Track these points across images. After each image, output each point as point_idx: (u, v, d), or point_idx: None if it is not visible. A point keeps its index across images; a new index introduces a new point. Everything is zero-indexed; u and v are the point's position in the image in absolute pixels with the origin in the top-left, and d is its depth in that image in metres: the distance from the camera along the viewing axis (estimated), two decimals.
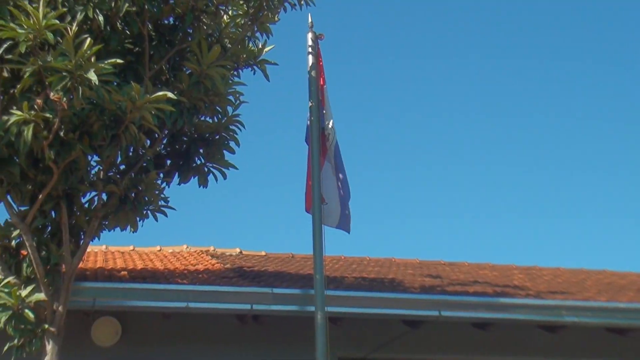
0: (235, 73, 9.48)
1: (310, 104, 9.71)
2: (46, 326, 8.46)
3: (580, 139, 42.01)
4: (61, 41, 7.36)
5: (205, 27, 8.93)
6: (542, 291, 11.98)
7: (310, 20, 9.85)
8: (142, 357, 10.28)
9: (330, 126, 9.68)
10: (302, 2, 9.57)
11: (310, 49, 9.89)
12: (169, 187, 9.43)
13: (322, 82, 9.80)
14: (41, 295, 8.33)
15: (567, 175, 45.18)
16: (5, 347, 8.43)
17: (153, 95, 7.72)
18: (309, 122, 9.60)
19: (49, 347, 8.43)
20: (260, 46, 9.61)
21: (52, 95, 7.34)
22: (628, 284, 13.84)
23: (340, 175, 9.86)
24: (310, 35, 9.92)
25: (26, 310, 8.21)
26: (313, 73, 9.81)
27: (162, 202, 9.30)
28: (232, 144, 9.41)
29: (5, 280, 8.39)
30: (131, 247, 14.58)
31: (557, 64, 39.47)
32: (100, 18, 7.80)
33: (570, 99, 39.79)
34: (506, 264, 15.89)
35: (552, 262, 21.09)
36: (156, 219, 9.31)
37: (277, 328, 10.54)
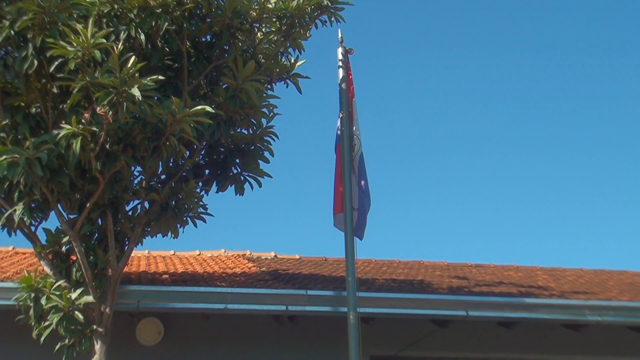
0: (269, 87, 9.56)
1: (340, 115, 9.83)
2: (94, 327, 8.65)
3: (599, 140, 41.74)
4: (107, 59, 7.53)
5: (240, 44, 9.01)
6: (566, 291, 11.93)
7: (340, 35, 9.98)
8: (184, 355, 10.40)
9: (356, 136, 9.78)
10: (333, 19, 9.62)
11: (340, 63, 10.02)
12: (207, 195, 9.57)
13: (351, 95, 9.92)
14: (89, 298, 8.54)
15: (588, 176, 44.84)
16: (57, 347, 8.58)
17: (192, 109, 7.85)
18: (339, 131, 9.69)
19: (98, 346, 8.62)
20: (292, 61, 9.68)
21: (98, 109, 7.53)
22: None
23: (363, 183, 9.93)
24: (340, 49, 10.06)
25: (76, 312, 8.41)
26: (343, 85, 9.94)
27: (201, 210, 9.41)
28: (266, 154, 9.50)
29: (57, 284, 8.59)
30: (172, 252, 14.68)
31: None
32: (142, 37, 7.97)
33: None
34: (530, 265, 15.76)
35: (575, 264, 21.01)
36: (195, 225, 9.45)
37: (311, 328, 10.63)
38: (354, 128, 9.86)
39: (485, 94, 41.65)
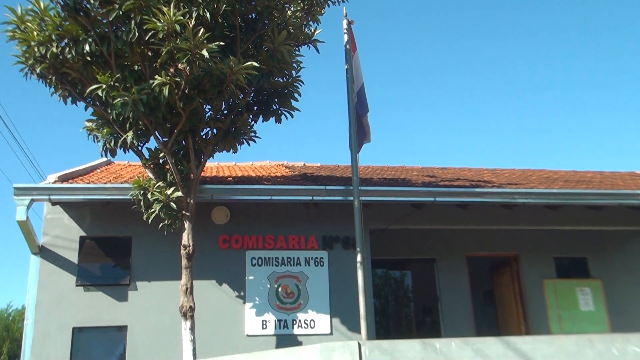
0: (297, 49, 9.56)
1: (346, 66, 10.12)
2: (183, 212, 9.03)
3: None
4: (184, 31, 7.73)
5: (276, 19, 9.05)
6: (503, 183, 12.10)
7: (345, 11, 10.20)
8: (245, 230, 10.54)
9: (359, 78, 10.01)
10: (341, 0, 9.87)
11: (345, 30, 10.21)
12: (256, 123, 9.72)
13: (353, 52, 10.16)
14: (179, 193, 8.86)
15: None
16: (160, 225, 8.98)
17: (244, 65, 8.06)
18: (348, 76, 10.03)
19: (186, 225, 9.02)
20: (312, 30, 9.70)
21: (180, 66, 7.81)
22: (559, 177, 13.84)
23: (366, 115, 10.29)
24: (345, 21, 10.25)
25: (171, 203, 8.77)
26: (348, 46, 10.18)
27: (252, 134, 9.65)
28: (296, 95, 9.58)
29: (157, 184, 8.94)
30: (233, 163, 14.90)
31: None
32: (208, 15, 8.09)
33: None
34: (479, 167, 15.84)
35: (510, 165, 21.14)
36: (249, 145, 9.74)
37: (329, 211, 10.82)
38: (357, 75, 10.09)
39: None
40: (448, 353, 5.77)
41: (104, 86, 8.17)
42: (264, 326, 10.15)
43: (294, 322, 10.24)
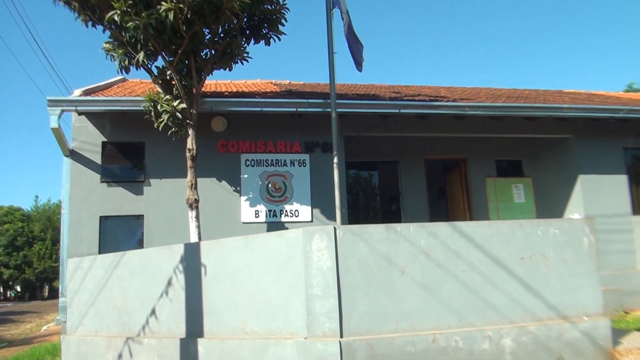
0: None
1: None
2: (188, 121, 9.03)
3: None
4: None
5: None
6: (457, 98, 12.13)
7: None
8: (248, 136, 10.67)
9: (346, 12, 9.60)
10: None
11: None
12: (248, 45, 9.50)
13: None
14: (183, 105, 8.85)
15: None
16: (169, 132, 8.98)
17: None
18: (342, 16, 9.51)
19: (190, 132, 9.03)
20: None
21: None
22: (502, 94, 13.84)
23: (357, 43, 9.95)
24: None
25: (177, 113, 8.77)
26: None
27: (245, 55, 9.42)
28: (283, 21, 9.34)
29: (165, 97, 8.90)
30: (229, 81, 14.71)
31: None
32: None
33: None
34: (437, 85, 15.84)
35: (463, 83, 21.02)
36: (242, 64, 9.55)
37: (311, 121, 10.82)
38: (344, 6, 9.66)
39: None
40: (407, 234, 5.99)
41: (119, 12, 7.97)
42: (257, 215, 10.36)
43: (282, 212, 10.46)
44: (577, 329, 6.16)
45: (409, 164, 12.98)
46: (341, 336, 5.64)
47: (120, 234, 10.05)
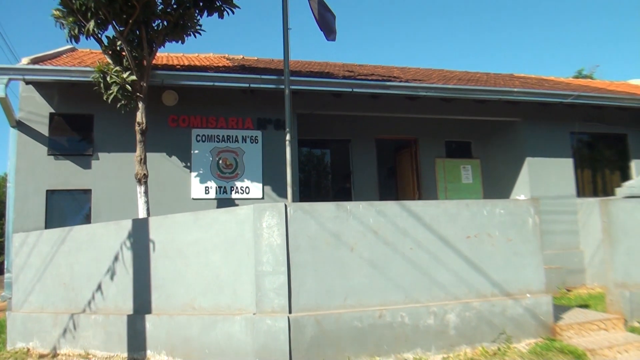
0: None
1: None
2: (138, 94, 8.83)
3: None
4: None
5: None
6: (409, 79, 12.17)
7: None
8: (191, 111, 10.48)
9: None
10: None
11: None
12: (202, 18, 9.27)
13: None
14: (134, 77, 8.64)
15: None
16: (118, 105, 8.77)
17: None
18: None
19: (140, 105, 8.84)
20: None
21: None
22: (454, 76, 14.06)
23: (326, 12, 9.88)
24: None
25: (127, 85, 8.57)
26: None
27: (198, 27, 9.25)
28: None
29: (115, 69, 8.67)
30: (181, 54, 14.42)
31: None
32: None
33: None
34: (390, 65, 15.94)
35: (416, 64, 21.21)
36: (195, 37, 9.37)
37: (264, 97, 10.73)
38: None
39: None
40: (356, 213, 6.07)
41: None
42: (207, 191, 10.28)
43: (232, 189, 10.41)
44: (520, 305, 6.40)
45: (361, 143, 13.07)
46: (290, 312, 5.71)
47: (67, 208, 9.81)
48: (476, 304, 6.24)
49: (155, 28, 8.98)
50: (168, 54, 14.11)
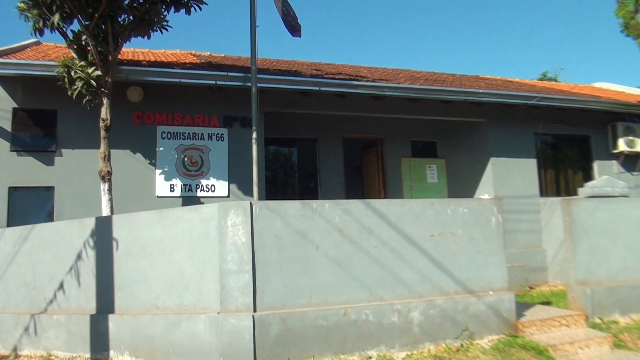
0: None
1: None
2: (102, 89, 8.72)
3: None
4: None
5: None
6: (376, 79, 12.23)
7: None
8: (159, 108, 10.34)
9: None
10: None
11: None
12: (168, 13, 9.21)
13: None
14: (99, 72, 8.54)
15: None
16: (84, 101, 8.65)
17: None
18: None
19: (105, 101, 8.75)
20: None
21: None
22: (421, 76, 14.19)
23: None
24: None
25: (91, 80, 8.47)
26: None
27: (165, 23, 9.18)
28: None
29: (80, 63, 8.57)
30: (147, 50, 14.29)
31: None
32: None
33: None
34: (358, 64, 16.00)
35: (383, 64, 21.35)
36: (162, 32, 9.28)
37: (231, 95, 10.66)
38: None
39: None
40: (322, 211, 6.09)
41: None
42: (172, 189, 10.18)
43: (197, 187, 10.33)
44: (483, 302, 6.52)
45: (328, 142, 13.10)
46: (254, 311, 5.70)
47: (29, 206, 9.60)
48: (440, 302, 6.33)
49: (121, 23, 8.88)
50: (134, 49, 13.94)
